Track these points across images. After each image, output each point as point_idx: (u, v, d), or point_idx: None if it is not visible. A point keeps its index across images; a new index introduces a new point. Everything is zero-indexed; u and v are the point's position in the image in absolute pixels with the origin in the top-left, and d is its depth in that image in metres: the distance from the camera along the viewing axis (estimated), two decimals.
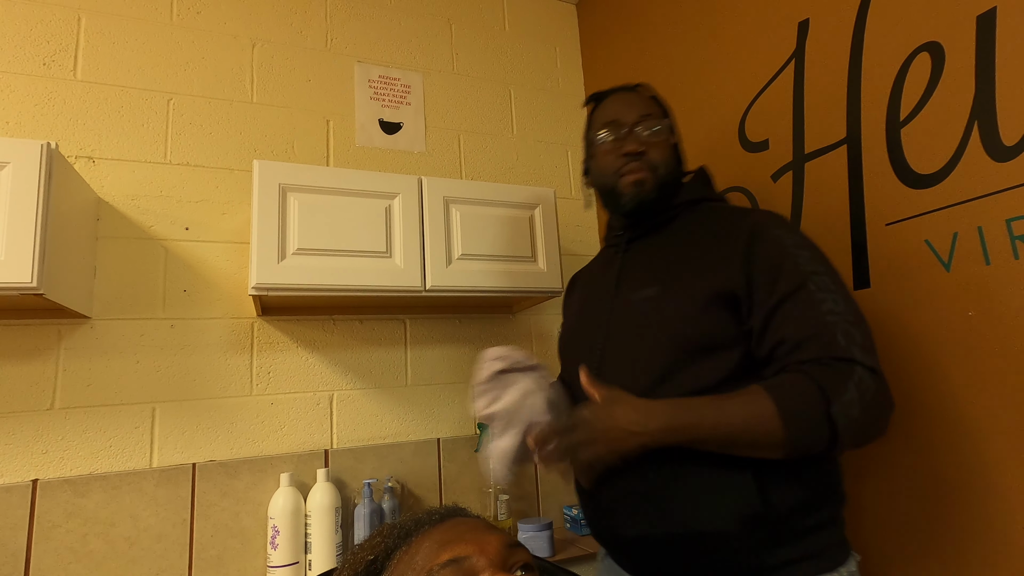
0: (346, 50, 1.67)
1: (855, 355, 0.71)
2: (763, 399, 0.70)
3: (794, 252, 0.78)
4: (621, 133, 0.93)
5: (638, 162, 0.90)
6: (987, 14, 0.89)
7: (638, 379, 0.81)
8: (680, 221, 0.92)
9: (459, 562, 0.44)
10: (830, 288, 0.75)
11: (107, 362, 1.29)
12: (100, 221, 1.34)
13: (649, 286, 0.87)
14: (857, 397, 0.69)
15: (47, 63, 1.35)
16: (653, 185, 0.90)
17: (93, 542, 1.20)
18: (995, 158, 0.88)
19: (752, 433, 0.70)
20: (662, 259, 0.89)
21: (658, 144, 0.92)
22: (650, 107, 0.94)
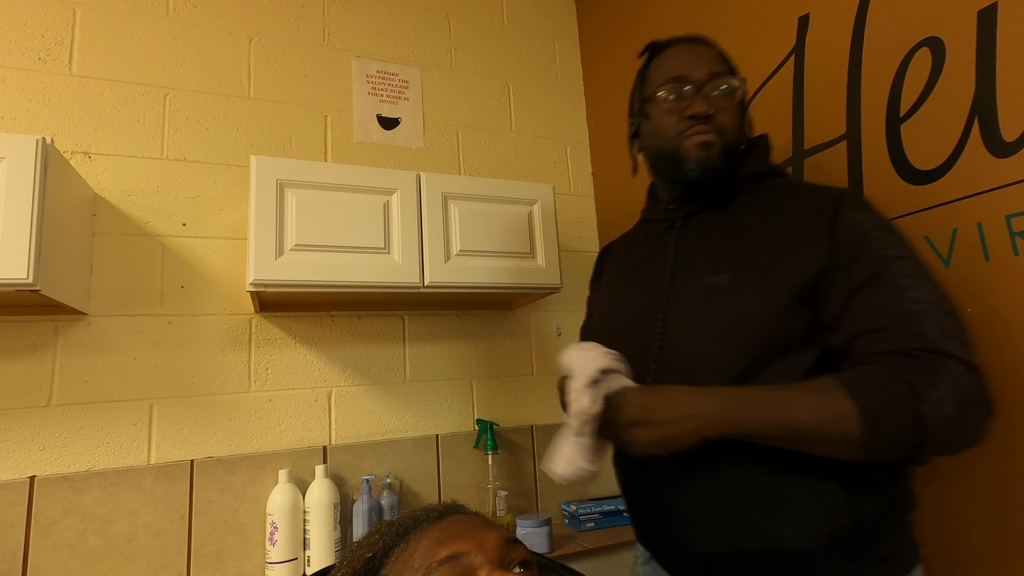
0: (344, 45, 1.66)
1: (948, 347, 0.61)
2: (837, 392, 0.61)
3: (875, 235, 0.69)
4: (686, 91, 0.80)
5: (706, 126, 0.79)
6: (988, 9, 0.89)
7: (712, 377, 0.71)
8: (745, 197, 0.82)
9: (457, 559, 0.44)
10: (916, 274, 0.66)
11: (104, 359, 1.29)
12: (96, 217, 1.33)
13: (718, 272, 0.76)
14: (951, 394, 0.59)
15: (42, 58, 1.34)
16: (720, 151, 0.80)
17: (91, 539, 1.20)
18: (995, 154, 0.87)
19: (825, 430, 0.61)
20: (730, 240, 0.78)
21: (728, 108, 0.81)
22: (721, 63, 0.83)
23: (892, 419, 0.59)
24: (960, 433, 0.61)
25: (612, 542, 1.40)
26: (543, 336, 1.75)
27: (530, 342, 1.72)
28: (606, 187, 1.88)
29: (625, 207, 1.77)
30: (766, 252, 0.74)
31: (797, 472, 0.67)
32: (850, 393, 0.61)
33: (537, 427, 1.67)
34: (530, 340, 1.73)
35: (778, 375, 0.70)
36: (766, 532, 0.68)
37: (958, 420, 0.59)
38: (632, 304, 0.86)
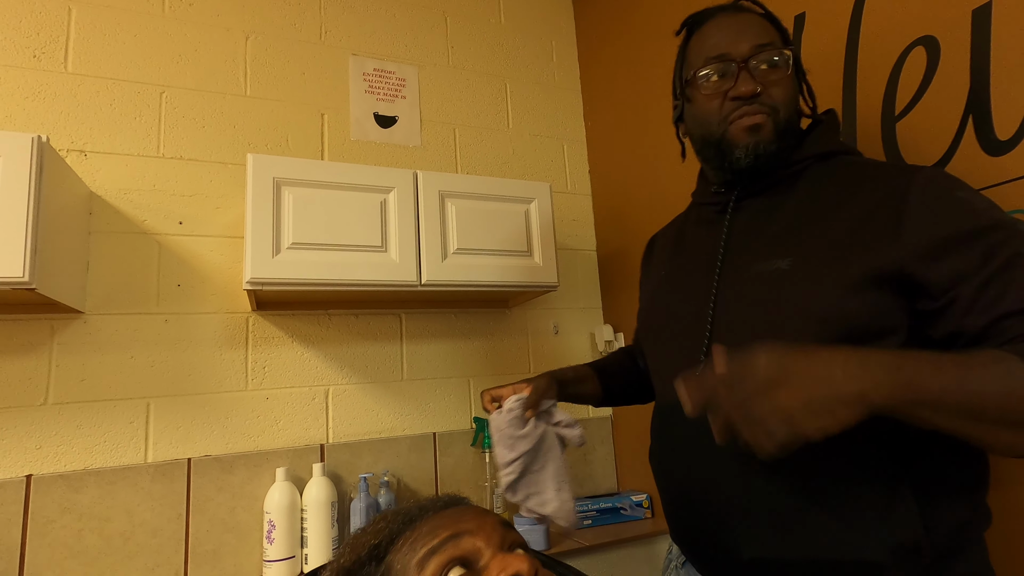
0: (341, 43, 1.65)
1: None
2: (1017, 363, 0.51)
3: (993, 214, 0.61)
4: (730, 69, 0.73)
5: (753, 106, 0.72)
6: (983, 8, 0.89)
7: None
8: (809, 177, 0.74)
9: (459, 537, 0.46)
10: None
11: (101, 357, 1.28)
12: (92, 215, 1.33)
13: (777, 257, 0.68)
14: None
15: (37, 55, 1.34)
16: (773, 132, 0.72)
17: (88, 537, 1.20)
18: (989, 152, 0.88)
19: (1011, 406, 0.50)
20: (790, 225, 0.71)
21: (779, 81, 0.73)
22: (766, 32, 0.75)
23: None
24: None
25: (609, 539, 1.40)
26: (540, 334, 1.75)
27: (527, 340, 1.73)
28: (603, 185, 1.88)
29: (623, 205, 1.77)
30: (835, 237, 0.66)
31: (869, 478, 0.60)
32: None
33: None
34: (527, 338, 1.73)
35: None
36: (828, 542, 0.62)
37: None
38: (680, 293, 0.80)
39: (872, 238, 0.63)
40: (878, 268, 0.62)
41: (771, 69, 0.73)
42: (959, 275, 0.59)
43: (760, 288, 0.69)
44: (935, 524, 0.60)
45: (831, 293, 0.63)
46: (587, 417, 1.73)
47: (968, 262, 0.59)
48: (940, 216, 0.61)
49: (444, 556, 0.45)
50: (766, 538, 0.65)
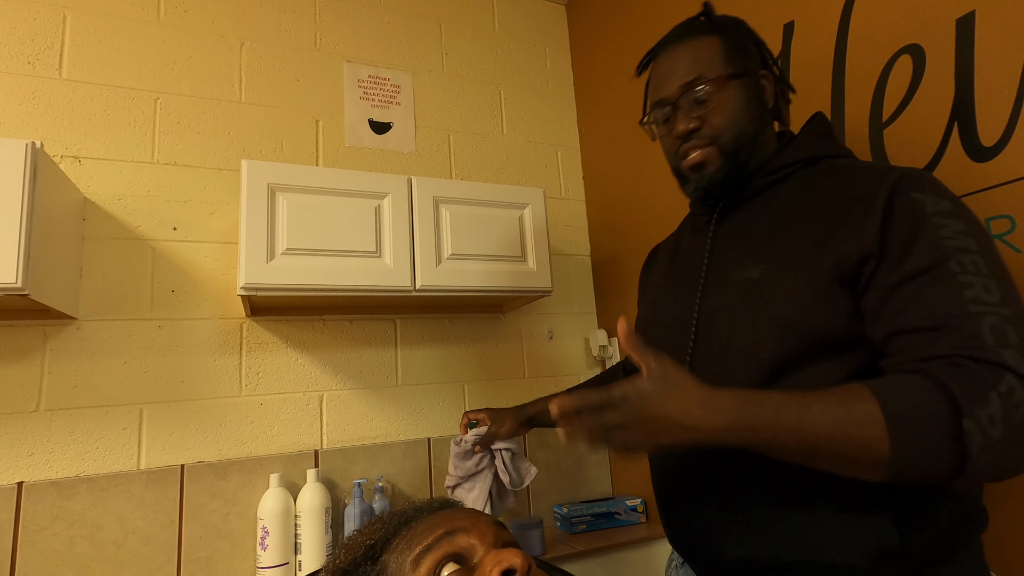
0: (335, 50, 1.66)
1: (1006, 359, 0.52)
2: (866, 400, 0.53)
3: (937, 220, 0.59)
4: (667, 112, 0.78)
5: (692, 142, 0.76)
6: (966, 17, 0.91)
7: (746, 375, 0.67)
8: (791, 183, 0.75)
9: (453, 534, 0.47)
10: (982, 271, 0.56)
11: (94, 363, 1.28)
12: (86, 221, 1.33)
13: (751, 264, 0.71)
14: (1001, 412, 0.50)
15: (32, 62, 1.34)
16: (720, 162, 0.75)
17: (80, 545, 1.19)
18: (974, 158, 0.89)
19: (846, 443, 0.52)
20: (767, 231, 0.73)
21: (716, 107, 0.75)
22: (697, 62, 0.76)
23: (927, 438, 0.51)
24: (1005, 460, 0.52)
25: (603, 544, 1.41)
26: (535, 339, 1.75)
27: (521, 345, 1.73)
28: (597, 191, 1.89)
29: (616, 211, 1.79)
30: (806, 241, 0.67)
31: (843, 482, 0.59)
32: (880, 402, 0.52)
33: None
34: (521, 343, 1.73)
35: (821, 373, 0.63)
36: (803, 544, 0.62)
37: (1005, 445, 0.50)
38: (669, 301, 0.83)
39: (838, 241, 0.64)
40: (841, 271, 0.62)
41: (701, 103, 0.76)
42: (883, 280, 0.60)
43: (734, 296, 0.71)
44: (915, 529, 0.60)
45: (798, 299, 0.65)
46: None
47: (889, 267, 0.60)
48: (896, 217, 0.61)
49: (438, 553, 0.45)
50: (747, 541, 0.67)
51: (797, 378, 0.64)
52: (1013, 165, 0.85)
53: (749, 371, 0.67)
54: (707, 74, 0.76)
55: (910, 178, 0.64)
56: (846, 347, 0.63)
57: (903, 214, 0.61)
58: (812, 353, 0.64)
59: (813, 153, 0.75)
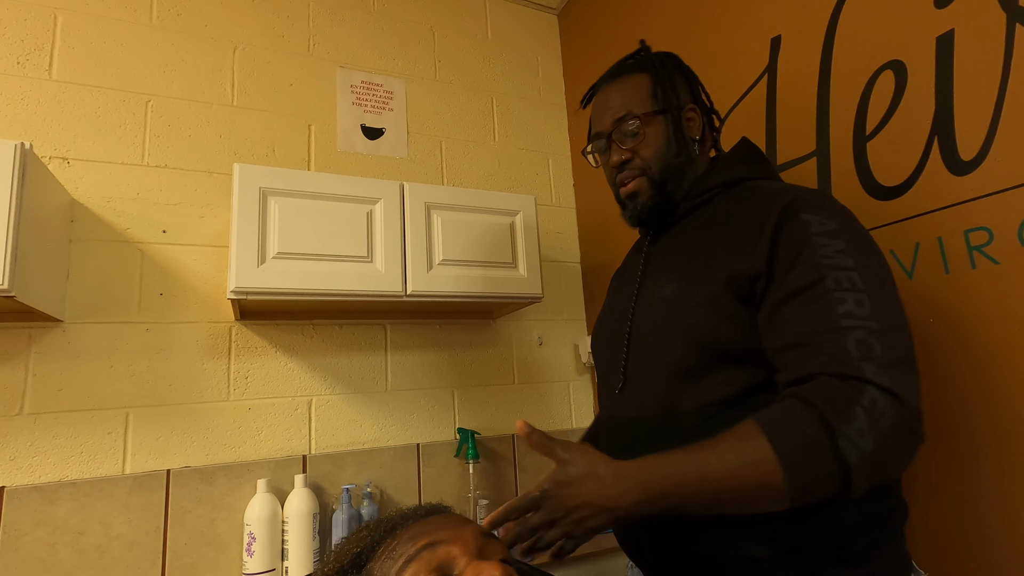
0: (328, 55, 1.67)
1: (865, 372, 0.57)
2: (756, 438, 0.57)
3: (820, 240, 0.64)
4: (602, 144, 0.87)
5: (625, 172, 0.84)
6: (946, 35, 0.94)
7: (664, 383, 0.73)
8: (712, 206, 0.80)
9: (435, 546, 0.47)
10: (856, 287, 0.61)
11: (79, 367, 1.27)
12: (74, 223, 1.32)
13: (667, 283, 0.77)
14: (868, 426, 0.55)
15: (21, 62, 1.33)
16: (650, 191, 0.83)
17: (62, 551, 1.18)
18: (954, 172, 0.92)
19: (744, 486, 0.57)
20: (682, 252, 0.80)
21: (644, 140, 0.82)
22: (627, 98, 0.84)
23: (813, 462, 0.56)
24: (881, 465, 0.57)
25: (591, 550, 1.41)
26: (525, 345, 1.76)
27: (512, 351, 1.74)
28: (587, 199, 1.91)
29: (606, 219, 1.80)
30: (709, 259, 0.73)
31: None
32: (768, 437, 0.57)
33: (519, 436, 1.67)
34: (512, 349, 1.74)
35: (725, 379, 0.69)
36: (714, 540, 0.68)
37: (877, 453, 0.55)
38: (611, 317, 0.89)
39: (734, 258, 0.70)
40: (735, 287, 0.68)
41: (631, 136, 0.83)
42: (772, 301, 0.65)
43: (653, 313, 0.78)
44: (816, 526, 0.64)
45: (699, 313, 0.71)
46: (570, 428, 1.74)
47: (775, 286, 0.65)
48: (783, 238, 0.66)
49: (420, 564, 0.46)
50: (664, 539, 0.72)
51: (703, 383, 0.70)
52: (990, 178, 0.87)
53: (665, 378, 0.74)
54: (635, 110, 0.83)
55: (801, 200, 0.69)
56: (743, 357, 0.69)
57: (789, 235, 0.66)
58: (713, 362, 0.70)
59: (733, 176, 0.81)
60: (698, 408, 0.70)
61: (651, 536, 0.75)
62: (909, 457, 0.59)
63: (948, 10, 0.94)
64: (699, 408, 0.70)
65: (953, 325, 0.92)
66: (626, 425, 0.80)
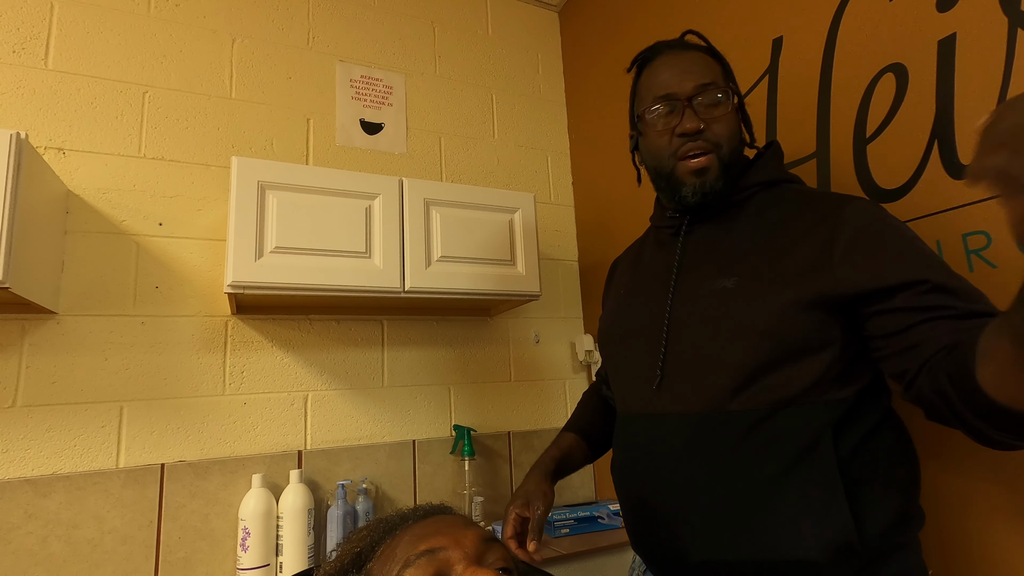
0: (328, 49, 1.66)
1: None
2: None
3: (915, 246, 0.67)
4: (676, 107, 0.79)
5: (698, 143, 0.78)
6: (948, 39, 0.94)
7: (718, 380, 0.71)
8: (755, 203, 0.79)
9: (434, 553, 0.46)
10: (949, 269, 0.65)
11: (73, 359, 1.26)
12: (70, 214, 1.30)
13: (724, 276, 0.74)
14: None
15: (17, 51, 1.31)
16: (719, 171, 0.78)
17: (54, 544, 1.17)
18: (953, 176, 0.92)
19: None
20: (736, 247, 0.77)
21: (722, 117, 0.79)
22: (710, 70, 0.80)
23: None
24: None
25: (586, 548, 1.41)
26: (522, 343, 1.76)
27: (508, 349, 1.74)
28: (586, 197, 1.91)
29: (604, 217, 1.80)
30: (775, 258, 0.72)
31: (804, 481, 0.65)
32: None
33: (514, 433, 1.67)
34: (508, 347, 1.74)
35: (795, 375, 0.68)
36: (768, 543, 0.66)
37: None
38: (638, 308, 0.85)
39: (807, 264, 0.69)
40: (811, 294, 0.68)
41: (713, 107, 0.79)
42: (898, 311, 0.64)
43: (709, 305, 0.75)
44: (868, 526, 0.64)
45: (769, 312, 0.69)
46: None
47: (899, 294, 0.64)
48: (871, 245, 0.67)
49: (418, 571, 0.45)
50: (713, 541, 0.69)
51: (773, 380, 0.69)
52: None
53: (725, 375, 0.71)
54: (721, 83, 0.80)
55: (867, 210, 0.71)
56: (811, 352, 0.68)
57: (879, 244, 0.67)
58: (788, 356, 0.68)
59: (772, 177, 0.82)
60: (752, 408, 0.69)
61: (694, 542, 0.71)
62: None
63: (950, 14, 0.94)
64: (753, 408, 0.69)
65: None
66: (666, 422, 0.76)
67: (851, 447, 0.67)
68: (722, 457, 0.69)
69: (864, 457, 0.67)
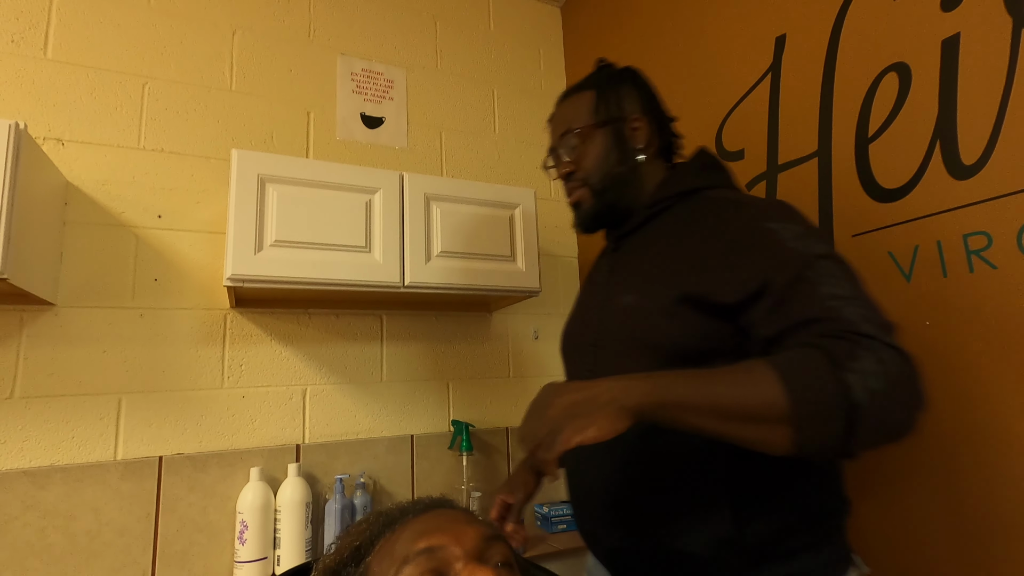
0: (329, 42, 1.65)
1: (870, 331, 0.57)
2: (762, 368, 0.57)
3: (792, 244, 0.67)
4: (554, 159, 0.92)
5: (570, 183, 0.89)
6: (951, 39, 0.94)
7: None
8: (670, 214, 0.82)
9: (433, 551, 0.45)
10: (833, 273, 0.64)
11: (72, 351, 1.25)
12: (68, 206, 1.30)
13: (629, 292, 0.80)
14: (876, 367, 0.54)
15: (16, 40, 1.31)
16: (591, 201, 0.87)
17: (52, 536, 1.17)
18: (955, 176, 0.92)
19: (750, 405, 0.55)
20: (643, 261, 0.82)
21: (584, 154, 0.86)
22: (568, 116, 0.89)
23: (817, 389, 0.54)
24: (889, 412, 0.55)
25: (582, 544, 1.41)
26: (521, 339, 1.76)
27: (508, 345, 1.74)
28: None
29: None
30: (668, 270, 0.75)
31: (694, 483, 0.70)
32: (773, 367, 0.56)
33: (513, 429, 1.68)
34: (508, 343, 1.74)
35: None
36: (663, 534, 0.71)
37: (886, 396, 0.54)
38: (578, 322, 0.92)
39: (695, 275, 0.71)
40: (699, 305, 0.70)
41: (574, 149, 0.87)
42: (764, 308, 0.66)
43: (617, 321, 0.81)
44: (750, 528, 0.68)
45: (659, 322, 0.73)
46: None
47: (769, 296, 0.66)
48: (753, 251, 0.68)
49: (417, 568, 0.44)
50: (623, 530, 0.76)
51: None
52: (991, 184, 0.88)
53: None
54: (575, 125, 0.87)
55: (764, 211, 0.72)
56: (712, 356, 0.70)
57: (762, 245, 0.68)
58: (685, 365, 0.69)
59: (690, 186, 0.83)
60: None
61: (606, 528, 0.79)
62: (915, 417, 0.56)
63: (954, 13, 0.94)
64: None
65: (949, 329, 0.92)
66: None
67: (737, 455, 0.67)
68: (626, 460, 0.75)
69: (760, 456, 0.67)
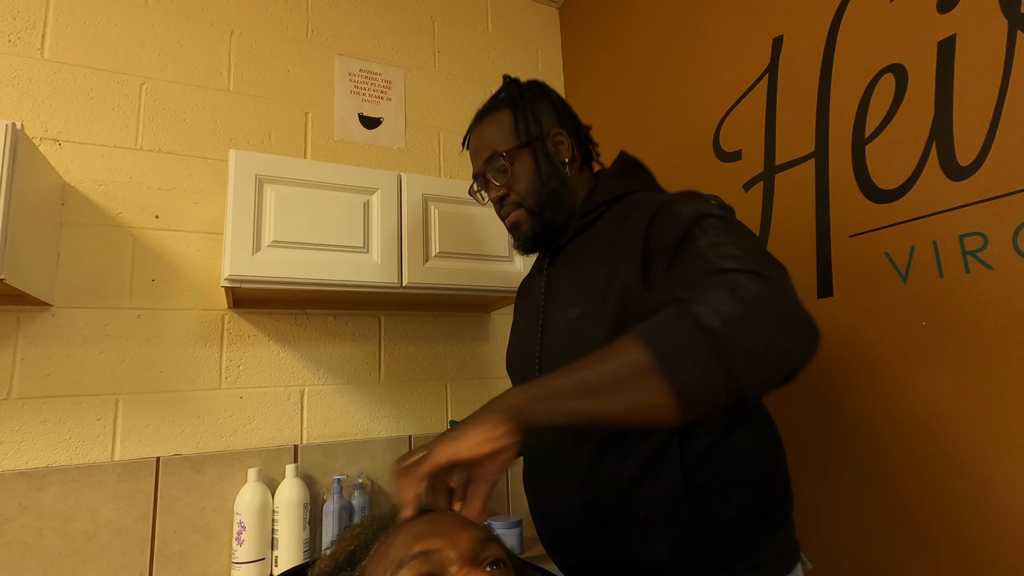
0: (327, 42, 1.65)
1: (730, 266, 0.57)
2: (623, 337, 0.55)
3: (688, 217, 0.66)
4: (482, 183, 0.91)
5: (504, 206, 0.87)
6: (947, 40, 0.94)
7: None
8: (601, 223, 0.81)
9: (428, 554, 0.45)
10: (715, 227, 0.64)
11: (68, 352, 1.25)
12: (65, 206, 1.29)
13: (572, 306, 0.78)
14: (730, 296, 0.53)
15: (12, 40, 1.30)
16: (529, 221, 0.85)
17: (49, 537, 1.16)
18: (951, 177, 0.93)
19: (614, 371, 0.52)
20: (579, 273, 0.81)
21: (514, 176, 0.85)
22: (490, 139, 0.87)
23: (671, 326, 0.53)
24: (752, 333, 0.52)
25: None
26: None
27: (505, 345, 1.73)
28: None
29: None
30: (603, 279, 0.74)
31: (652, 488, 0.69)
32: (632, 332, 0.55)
33: None
34: (505, 343, 1.73)
35: None
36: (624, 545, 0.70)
37: (743, 319, 0.52)
38: (520, 338, 0.91)
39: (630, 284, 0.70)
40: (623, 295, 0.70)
41: (503, 172, 0.86)
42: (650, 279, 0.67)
43: (562, 336, 0.79)
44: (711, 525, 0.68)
45: (607, 333, 0.70)
46: None
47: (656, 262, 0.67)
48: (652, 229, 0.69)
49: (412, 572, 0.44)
50: (582, 545, 0.75)
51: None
52: (987, 185, 0.88)
53: None
54: (500, 147, 0.86)
55: (673, 199, 0.72)
56: None
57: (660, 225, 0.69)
58: None
59: (615, 193, 0.82)
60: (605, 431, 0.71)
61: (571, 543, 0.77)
62: (794, 344, 0.53)
63: (950, 15, 0.94)
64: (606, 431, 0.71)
65: (946, 329, 0.93)
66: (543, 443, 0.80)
67: (700, 451, 0.69)
68: (583, 472, 0.73)
69: (714, 458, 0.70)
